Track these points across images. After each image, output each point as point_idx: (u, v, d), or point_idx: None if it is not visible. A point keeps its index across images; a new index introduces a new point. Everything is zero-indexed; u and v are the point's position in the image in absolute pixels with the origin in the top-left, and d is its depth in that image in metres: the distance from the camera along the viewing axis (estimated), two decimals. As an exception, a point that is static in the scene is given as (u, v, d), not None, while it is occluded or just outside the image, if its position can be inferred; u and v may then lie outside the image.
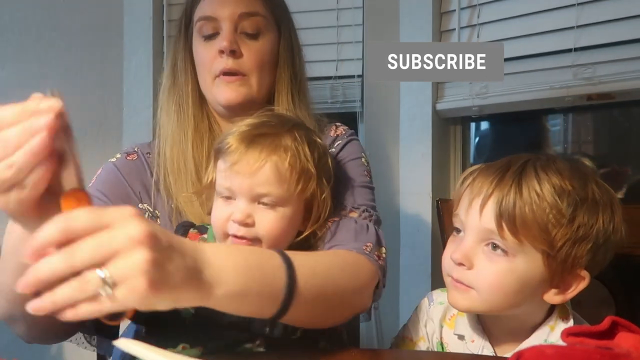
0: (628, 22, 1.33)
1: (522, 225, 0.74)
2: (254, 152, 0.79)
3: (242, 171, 0.78)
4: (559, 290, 0.78)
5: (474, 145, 1.74)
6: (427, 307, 0.92)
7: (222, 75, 0.95)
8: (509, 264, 0.76)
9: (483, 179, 0.79)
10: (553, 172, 0.77)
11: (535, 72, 1.47)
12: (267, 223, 0.80)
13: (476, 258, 0.78)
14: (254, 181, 0.79)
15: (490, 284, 0.77)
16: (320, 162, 0.85)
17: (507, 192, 0.75)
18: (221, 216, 0.81)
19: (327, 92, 1.69)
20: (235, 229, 0.80)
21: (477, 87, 1.56)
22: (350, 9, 1.69)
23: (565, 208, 0.74)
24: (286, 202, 0.81)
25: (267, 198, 0.80)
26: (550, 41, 1.44)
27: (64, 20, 1.74)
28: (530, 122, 1.67)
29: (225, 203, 0.82)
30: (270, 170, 0.79)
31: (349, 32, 1.69)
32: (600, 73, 1.37)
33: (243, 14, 0.96)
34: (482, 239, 0.78)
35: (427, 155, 1.62)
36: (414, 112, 1.65)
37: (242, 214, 0.79)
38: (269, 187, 0.79)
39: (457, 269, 0.79)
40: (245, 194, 0.80)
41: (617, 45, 1.36)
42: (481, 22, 1.55)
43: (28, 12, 1.69)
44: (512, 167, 0.78)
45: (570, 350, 0.59)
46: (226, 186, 0.81)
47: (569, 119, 1.61)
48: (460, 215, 0.81)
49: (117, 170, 0.97)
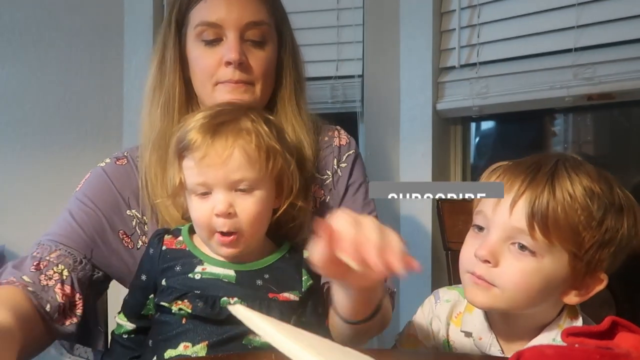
0: (628, 22, 1.33)
1: (554, 226, 0.74)
2: (220, 141, 0.79)
3: (213, 163, 0.79)
4: (578, 292, 0.78)
5: (474, 145, 1.74)
6: (433, 305, 0.92)
7: (226, 83, 0.94)
8: (537, 263, 0.75)
9: (513, 177, 0.78)
10: (583, 174, 0.77)
11: (535, 72, 1.46)
12: (248, 209, 0.81)
13: (502, 256, 0.77)
14: (228, 169, 0.79)
15: (516, 283, 0.76)
16: (279, 137, 0.86)
17: (541, 192, 0.74)
18: (203, 213, 0.81)
19: (327, 92, 1.69)
20: (221, 223, 0.80)
21: (477, 87, 1.56)
22: (350, 9, 1.69)
23: (596, 211, 0.75)
24: (260, 184, 0.82)
25: (243, 183, 0.80)
26: (550, 41, 1.44)
27: (64, 20, 1.74)
28: (531, 122, 1.67)
29: (203, 199, 0.81)
30: (240, 154, 0.80)
31: (349, 32, 1.69)
32: (600, 73, 1.37)
33: (250, 23, 0.94)
34: (509, 238, 0.77)
35: (427, 155, 1.62)
36: (414, 112, 1.65)
37: (224, 205, 0.79)
38: (243, 171, 0.80)
39: (480, 266, 0.78)
40: (222, 184, 0.80)
41: (617, 45, 1.36)
42: (481, 22, 1.55)
43: (28, 12, 1.69)
44: (544, 166, 0.78)
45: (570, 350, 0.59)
46: (200, 182, 0.80)
47: (569, 119, 1.61)
48: (486, 212, 0.79)
49: (105, 176, 0.96)
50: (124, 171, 0.98)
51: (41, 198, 1.65)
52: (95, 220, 0.93)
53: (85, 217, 0.92)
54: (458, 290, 0.93)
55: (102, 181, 0.96)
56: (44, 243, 0.90)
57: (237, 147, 0.80)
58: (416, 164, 1.64)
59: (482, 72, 1.55)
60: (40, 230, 0.93)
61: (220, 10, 0.93)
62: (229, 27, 0.93)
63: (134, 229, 0.96)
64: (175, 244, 0.86)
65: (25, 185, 1.67)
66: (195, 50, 0.96)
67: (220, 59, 0.93)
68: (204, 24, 0.94)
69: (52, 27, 1.72)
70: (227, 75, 0.93)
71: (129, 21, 1.82)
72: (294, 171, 0.88)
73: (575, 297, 0.79)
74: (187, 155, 0.81)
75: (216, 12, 0.93)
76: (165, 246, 0.86)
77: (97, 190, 0.95)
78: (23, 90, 1.69)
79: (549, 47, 1.45)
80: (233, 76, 0.93)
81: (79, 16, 1.75)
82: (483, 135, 1.76)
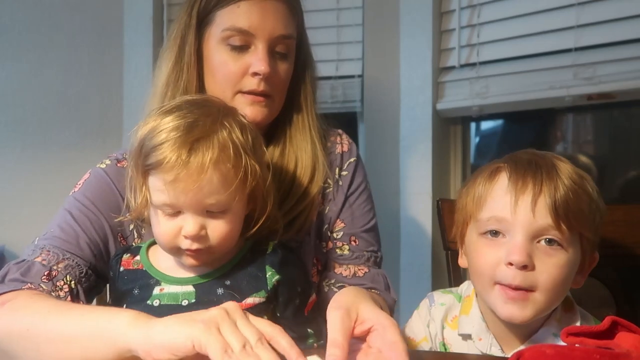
0: (628, 22, 1.33)
1: (574, 214, 0.76)
2: (195, 162, 0.72)
3: (187, 187, 0.72)
4: (580, 274, 0.82)
5: (474, 145, 1.74)
6: (428, 308, 0.92)
7: (247, 94, 0.92)
8: (566, 255, 0.77)
9: (521, 177, 0.78)
10: (567, 163, 0.81)
11: (535, 72, 1.47)
12: (219, 231, 0.77)
13: (535, 257, 0.76)
14: (202, 194, 0.73)
15: (554, 279, 0.76)
16: (255, 146, 0.80)
17: (556, 186, 0.76)
18: (169, 232, 0.76)
19: (327, 92, 1.69)
20: (188, 244, 0.76)
21: (477, 87, 1.56)
22: (350, 9, 1.69)
23: (592, 192, 0.79)
24: (233, 203, 0.77)
25: (216, 206, 0.75)
26: (550, 41, 1.44)
27: (64, 20, 1.74)
28: (531, 122, 1.67)
29: (169, 218, 0.76)
30: (216, 177, 0.73)
31: (349, 32, 1.69)
32: (600, 73, 1.37)
33: (280, 36, 0.92)
34: (535, 236, 0.76)
35: (427, 155, 1.62)
36: (414, 112, 1.65)
37: (194, 228, 0.75)
38: (217, 195, 0.74)
39: (516, 274, 0.75)
40: (194, 208, 0.75)
41: (617, 45, 1.36)
42: (481, 22, 1.55)
43: (28, 12, 1.69)
44: (542, 161, 0.80)
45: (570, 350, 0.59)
46: (168, 203, 0.74)
47: (569, 119, 1.61)
48: (504, 216, 0.77)
49: (107, 178, 0.93)
50: (126, 174, 0.95)
51: (41, 198, 1.65)
52: (98, 224, 0.90)
53: (87, 221, 0.89)
54: (453, 294, 0.92)
55: (103, 183, 0.93)
56: (49, 249, 0.86)
57: (214, 170, 0.73)
58: (416, 164, 1.64)
59: (482, 72, 1.55)
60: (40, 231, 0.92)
61: (254, 18, 0.90)
62: (261, 37, 0.90)
63: (130, 232, 0.94)
64: (132, 264, 0.84)
65: (25, 185, 1.67)
66: (220, 54, 0.92)
67: (246, 68, 0.91)
68: (234, 29, 0.90)
69: (52, 27, 1.72)
70: (252, 86, 0.91)
71: (129, 21, 1.82)
72: (269, 187, 0.83)
73: (580, 280, 0.82)
74: (156, 175, 0.74)
75: (249, 19, 0.90)
76: (123, 267, 0.84)
77: (98, 192, 0.92)
78: (23, 90, 1.69)
79: (549, 47, 1.45)
80: (258, 87, 0.91)
81: (79, 16, 1.76)
82: (483, 135, 1.76)
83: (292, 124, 1.00)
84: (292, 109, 1.00)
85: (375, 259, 1.02)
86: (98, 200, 0.91)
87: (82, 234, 0.88)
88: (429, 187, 1.62)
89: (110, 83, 1.80)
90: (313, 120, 1.01)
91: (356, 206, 1.03)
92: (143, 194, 0.77)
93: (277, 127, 1.00)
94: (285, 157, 0.98)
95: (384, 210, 1.10)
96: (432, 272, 1.61)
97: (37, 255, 0.85)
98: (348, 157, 1.05)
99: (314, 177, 0.98)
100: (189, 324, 0.62)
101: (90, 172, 0.95)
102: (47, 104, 1.71)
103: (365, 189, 1.05)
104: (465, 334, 0.86)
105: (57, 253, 0.85)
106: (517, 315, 0.76)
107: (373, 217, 1.05)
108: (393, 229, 1.66)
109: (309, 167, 0.97)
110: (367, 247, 1.02)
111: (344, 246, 1.01)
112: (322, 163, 0.99)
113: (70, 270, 0.85)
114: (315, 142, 0.99)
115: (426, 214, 1.62)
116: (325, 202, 1.01)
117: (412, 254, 1.65)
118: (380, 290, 0.99)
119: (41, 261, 0.84)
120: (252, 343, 0.61)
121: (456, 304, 0.90)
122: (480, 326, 0.85)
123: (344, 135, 1.08)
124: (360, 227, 1.02)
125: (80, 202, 0.91)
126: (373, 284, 0.98)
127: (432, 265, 1.60)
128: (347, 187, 1.03)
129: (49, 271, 0.83)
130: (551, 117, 1.61)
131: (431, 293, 0.94)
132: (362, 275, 0.99)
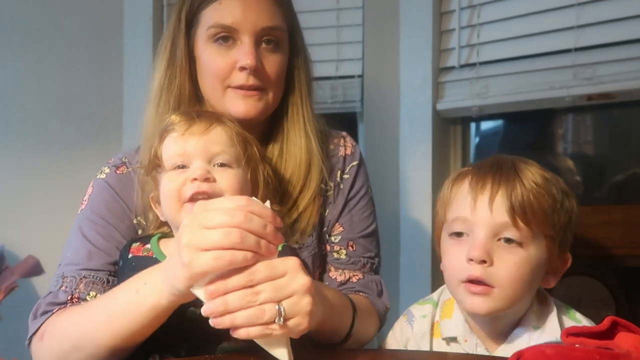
0: (628, 22, 1.33)
1: (532, 213, 0.78)
2: (203, 119, 0.84)
3: (195, 132, 0.82)
4: (553, 275, 0.84)
5: (474, 145, 1.74)
6: (405, 327, 0.92)
7: (237, 89, 0.92)
8: (525, 253, 0.79)
9: (481, 178, 0.82)
10: (533, 166, 0.84)
11: (535, 72, 1.47)
12: (227, 179, 0.82)
13: (494, 254, 0.79)
14: (208, 140, 0.82)
15: (511, 276, 0.78)
16: (252, 140, 0.90)
17: (514, 186, 0.79)
18: (176, 183, 0.81)
19: (327, 92, 1.69)
20: (195, 186, 0.79)
21: (477, 87, 1.56)
22: (350, 9, 1.69)
23: (557, 194, 0.82)
24: (238, 164, 0.84)
25: (222, 157, 0.83)
26: (550, 41, 1.44)
27: (64, 20, 1.74)
28: (531, 122, 1.67)
29: (178, 172, 0.82)
30: (221, 131, 0.84)
31: (349, 32, 1.69)
32: (600, 73, 1.37)
33: (266, 28, 0.92)
34: (494, 234, 0.79)
35: (427, 155, 1.62)
36: (414, 112, 1.65)
37: (202, 170, 0.80)
38: (223, 146, 0.83)
39: (475, 268, 0.79)
40: (201, 154, 0.82)
41: (617, 45, 1.36)
42: (481, 22, 1.55)
43: (28, 12, 1.69)
44: (504, 164, 0.83)
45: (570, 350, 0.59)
46: (179, 152, 0.82)
47: (569, 119, 1.61)
48: (465, 216, 0.82)
49: (109, 188, 0.94)
50: (126, 180, 0.95)
51: (41, 198, 1.65)
52: (110, 236, 0.91)
53: (98, 236, 0.91)
54: (429, 302, 0.93)
55: (107, 194, 0.94)
56: (67, 275, 0.89)
57: (218, 126, 0.84)
58: (416, 164, 1.64)
59: (482, 72, 1.55)
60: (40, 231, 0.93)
61: (236, 13, 0.91)
62: (245, 31, 0.91)
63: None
64: (142, 251, 0.86)
65: (25, 185, 1.66)
66: (207, 52, 0.93)
67: (234, 63, 0.91)
68: (218, 26, 0.91)
69: (52, 27, 1.72)
70: (241, 80, 0.91)
71: (129, 21, 1.82)
72: (270, 177, 0.90)
73: (552, 280, 0.84)
74: (169, 134, 0.83)
75: (232, 15, 0.91)
76: (132, 254, 0.86)
77: (104, 205, 0.93)
78: (23, 90, 1.69)
79: (549, 47, 1.45)
80: (247, 81, 0.91)
81: (79, 16, 1.75)
82: (483, 135, 1.76)
83: (287, 118, 0.99)
84: (287, 102, 1.00)
85: (372, 265, 1.02)
86: (106, 214, 0.93)
87: (94, 249, 0.90)
88: (429, 187, 1.62)
89: (110, 83, 1.80)
90: (308, 113, 1.00)
91: (356, 211, 1.02)
92: (158, 158, 0.85)
93: (275, 122, 1.00)
94: (283, 155, 0.98)
95: (383, 211, 1.10)
96: (432, 272, 1.61)
97: (60, 284, 0.88)
98: (351, 161, 1.04)
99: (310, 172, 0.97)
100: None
101: (92, 186, 0.96)
102: (47, 104, 1.71)
103: (366, 194, 1.05)
104: (450, 337, 0.87)
105: (74, 276, 0.88)
106: (479, 308, 0.80)
107: (373, 222, 1.04)
108: (393, 229, 1.66)
109: (303, 163, 0.97)
110: (364, 253, 1.01)
111: (341, 250, 1.00)
112: (317, 157, 0.98)
113: (92, 286, 0.88)
114: (310, 137, 0.98)
115: (426, 214, 1.62)
116: (325, 205, 1.01)
117: (412, 254, 1.65)
118: (370, 295, 0.98)
119: (64, 289, 0.87)
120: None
121: (435, 311, 0.91)
122: (465, 327, 0.86)
123: (347, 137, 1.07)
124: (359, 232, 1.02)
125: (89, 219, 0.93)
126: (362, 288, 0.98)
127: (432, 265, 1.60)
128: (347, 191, 1.02)
129: (71, 296, 0.86)
130: (551, 117, 1.61)
131: (408, 309, 0.95)
132: (356, 281, 0.99)
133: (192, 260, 0.64)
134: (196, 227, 0.65)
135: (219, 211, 0.65)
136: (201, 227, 0.64)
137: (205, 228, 0.64)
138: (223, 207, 0.65)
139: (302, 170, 0.97)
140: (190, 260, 0.64)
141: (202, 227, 0.64)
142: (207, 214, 0.65)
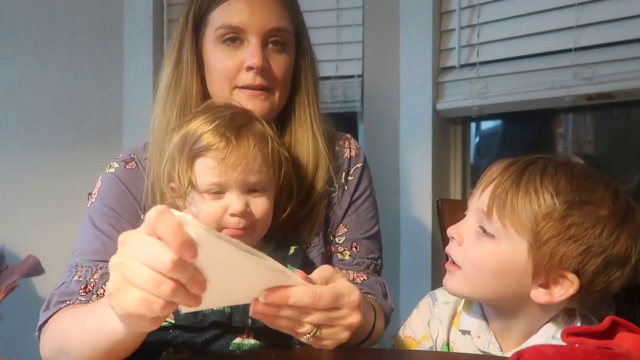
0: (628, 22, 1.33)
1: (511, 210, 0.76)
2: (243, 144, 0.81)
3: (236, 164, 0.80)
4: (546, 291, 0.77)
5: (474, 145, 1.74)
6: (430, 306, 0.92)
7: (245, 89, 0.93)
8: (494, 247, 0.78)
9: (495, 168, 0.82)
10: (564, 169, 0.78)
11: (535, 72, 1.47)
12: (261, 209, 0.83)
13: (467, 236, 0.81)
14: (247, 171, 0.81)
15: (473, 262, 0.80)
16: (280, 142, 0.91)
17: (507, 179, 0.79)
18: (215, 212, 0.82)
19: (327, 92, 1.69)
20: (235, 222, 0.81)
21: (477, 87, 1.56)
22: (350, 9, 1.69)
23: (559, 203, 0.74)
24: (270, 185, 0.86)
25: (259, 185, 0.83)
26: (550, 41, 1.44)
27: (64, 20, 1.74)
28: (531, 122, 1.67)
29: (215, 199, 0.82)
30: (260, 157, 0.83)
31: (349, 32, 1.69)
32: (600, 73, 1.37)
33: (272, 29, 0.93)
34: (477, 220, 0.81)
35: (427, 155, 1.63)
36: (414, 112, 1.65)
37: (241, 205, 0.81)
38: (260, 174, 0.83)
39: (450, 245, 0.83)
40: (240, 186, 0.82)
41: (617, 45, 1.36)
42: (481, 22, 1.55)
43: (28, 12, 1.69)
44: (524, 159, 0.81)
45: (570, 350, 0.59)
46: (216, 182, 0.81)
47: (568, 119, 1.61)
48: (469, 200, 0.85)
49: (119, 182, 0.95)
50: (135, 175, 0.96)
51: (41, 198, 1.65)
52: (123, 228, 0.89)
53: (110, 227, 0.91)
54: None
55: (116, 188, 0.95)
56: (82, 265, 0.89)
57: (258, 150, 0.82)
58: (416, 164, 1.64)
59: (482, 72, 1.55)
60: (40, 231, 0.93)
61: (244, 14, 0.92)
62: (252, 32, 0.92)
63: None
64: None
65: (25, 185, 1.67)
66: (215, 53, 0.94)
67: (241, 63, 0.92)
68: (225, 27, 0.92)
69: (52, 27, 1.72)
70: (247, 80, 0.92)
71: (129, 21, 1.82)
72: (291, 177, 0.91)
73: (544, 296, 0.77)
74: (206, 155, 0.81)
75: (239, 16, 0.92)
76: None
77: (114, 198, 0.94)
78: (23, 90, 1.69)
79: (549, 47, 1.45)
80: (254, 81, 0.92)
81: (79, 16, 1.76)
82: (483, 135, 1.76)
83: (295, 118, 1.00)
84: (294, 102, 1.01)
85: (375, 266, 1.03)
86: (116, 206, 0.93)
87: (108, 240, 0.90)
88: (429, 187, 1.62)
89: (110, 83, 1.80)
90: (315, 113, 1.01)
91: (360, 212, 1.03)
92: (188, 177, 0.83)
93: (283, 122, 1.00)
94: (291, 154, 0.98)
95: (384, 210, 1.10)
96: (432, 272, 1.61)
97: (73, 274, 0.88)
98: (355, 163, 1.05)
99: (317, 171, 0.98)
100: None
101: (102, 180, 0.97)
102: (47, 104, 1.71)
103: (370, 196, 1.05)
104: (465, 330, 0.87)
105: (90, 266, 0.88)
106: (448, 286, 0.84)
107: (376, 224, 1.05)
108: (393, 229, 1.66)
109: (310, 162, 0.98)
110: (367, 254, 1.02)
111: (345, 251, 1.01)
112: (324, 157, 0.99)
113: (107, 277, 0.86)
114: (318, 137, 0.99)
115: (426, 214, 1.62)
116: (330, 206, 1.02)
117: (412, 254, 1.65)
118: (376, 296, 0.99)
119: (77, 279, 0.87)
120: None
121: (459, 300, 0.91)
122: (480, 324, 0.86)
123: (352, 140, 1.09)
124: (363, 233, 1.02)
125: (100, 212, 0.93)
126: (368, 289, 0.99)
127: (432, 265, 1.61)
128: (352, 192, 1.03)
129: (86, 285, 0.87)
130: (551, 117, 1.61)
131: (433, 291, 0.94)
132: (361, 282, 0.99)
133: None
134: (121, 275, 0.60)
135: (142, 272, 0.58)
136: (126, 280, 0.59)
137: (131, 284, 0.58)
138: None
139: (310, 169, 0.98)
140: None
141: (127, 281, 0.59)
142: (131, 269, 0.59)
